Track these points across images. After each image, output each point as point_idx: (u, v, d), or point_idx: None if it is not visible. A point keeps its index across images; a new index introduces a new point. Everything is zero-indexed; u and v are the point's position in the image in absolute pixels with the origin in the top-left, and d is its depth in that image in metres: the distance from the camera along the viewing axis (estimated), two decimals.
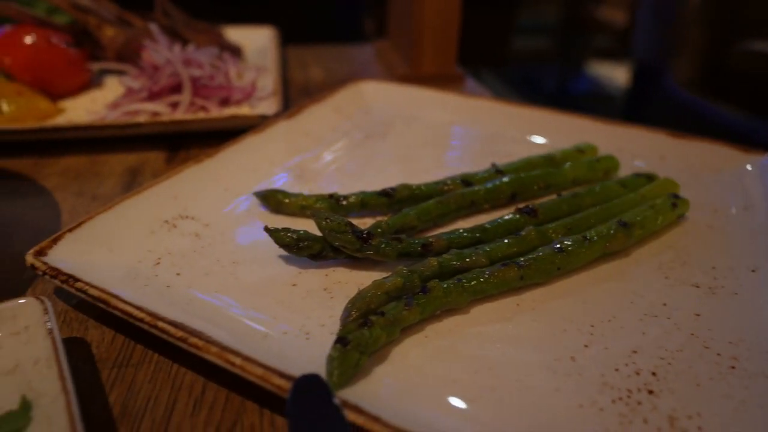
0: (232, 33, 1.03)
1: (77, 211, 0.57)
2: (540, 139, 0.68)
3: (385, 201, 0.52)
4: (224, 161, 0.58)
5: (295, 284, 0.44)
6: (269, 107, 0.71)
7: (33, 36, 0.75)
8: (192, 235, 0.49)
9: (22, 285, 0.46)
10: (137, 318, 0.36)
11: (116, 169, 0.65)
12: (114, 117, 0.68)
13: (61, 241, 0.44)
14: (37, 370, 0.33)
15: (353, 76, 0.98)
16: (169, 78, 0.72)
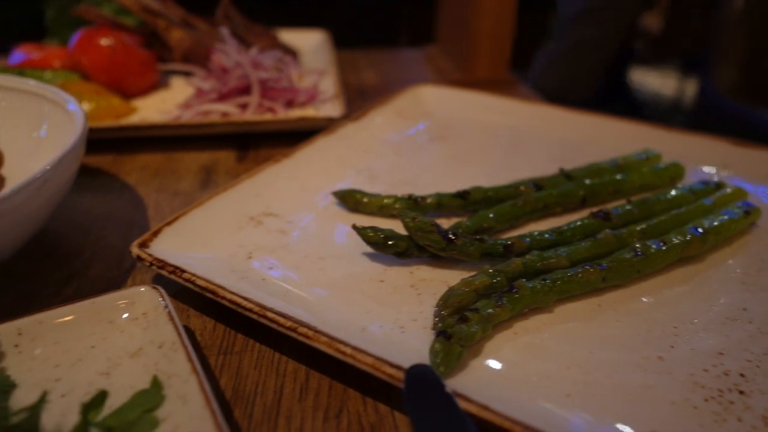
0: (284, 36, 1.06)
1: (161, 206, 0.59)
2: (600, 144, 0.69)
3: (460, 202, 0.54)
4: (299, 161, 0.61)
5: (382, 280, 0.46)
6: (334, 110, 0.73)
7: (109, 38, 0.79)
8: (277, 232, 0.52)
9: (121, 275, 0.49)
10: (246, 308, 0.39)
11: (191, 167, 0.68)
12: (188, 117, 0.71)
13: (161, 235, 0.47)
14: (162, 353, 0.35)
15: (406, 79, 1.00)
16: (239, 80, 0.74)
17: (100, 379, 0.35)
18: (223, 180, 0.65)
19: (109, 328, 0.38)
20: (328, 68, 0.89)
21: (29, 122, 0.52)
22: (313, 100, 0.78)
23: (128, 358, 0.36)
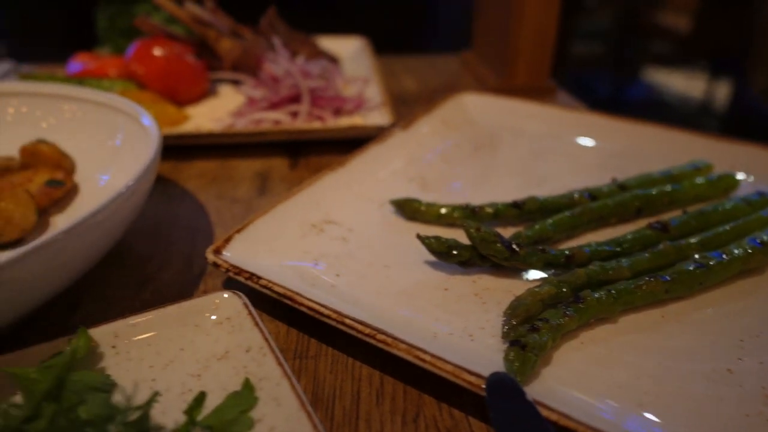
0: (322, 42, 1.07)
1: (221, 212, 0.62)
2: (646, 153, 0.69)
3: (516, 212, 0.55)
4: (354, 170, 0.62)
5: (446, 289, 0.47)
6: (382, 118, 0.75)
7: (163, 48, 0.81)
8: (340, 239, 0.53)
9: (192, 279, 0.51)
10: (324, 315, 0.40)
11: (246, 174, 0.70)
12: (242, 125, 0.73)
13: (232, 241, 0.49)
14: (250, 357, 0.37)
15: (445, 86, 1.02)
16: (289, 89, 0.76)
17: (191, 381, 0.37)
18: (278, 187, 0.67)
19: (196, 332, 0.40)
20: (371, 76, 0.91)
21: (104, 132, 0.55)
22: (359, 108, 0.79)
23: (216, 361, 0.38)
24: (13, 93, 0.56)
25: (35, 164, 0.59)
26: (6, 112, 0.56)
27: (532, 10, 0.88)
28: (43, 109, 0.56)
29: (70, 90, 0.56)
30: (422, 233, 0.51)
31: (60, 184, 0.56)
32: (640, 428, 0.34)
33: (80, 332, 0.37)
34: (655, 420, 0.35)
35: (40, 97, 0.56)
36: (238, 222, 0.60)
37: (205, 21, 0.87)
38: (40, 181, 0.56)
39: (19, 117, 0.56)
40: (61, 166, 0.58)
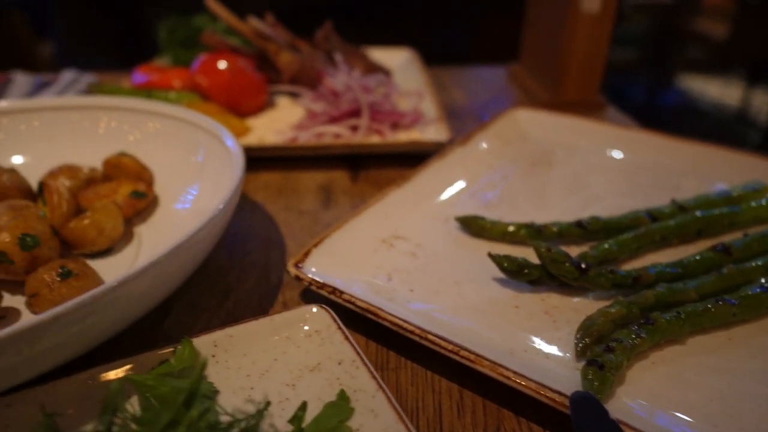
0: (371, 54, 1.10)
1: (290, 224, 0.65)
2: (704, 172, 0.70)
3: (579, 231, 0.57)
4: (418, 185, 0.65)
5: (517, 306, 0.49)
6: (439, 133, 0.77)
7: (227, 62, 0.85)
8: (409, 254, 0.56)
9: (271, 290, 0.54)
10: (408, 330, 0.43)
11: (310, 186, 0.73)
12: (305, 138, 0.76)
13: (310, 255, 0.52)
14: (343, 370, 0.40)
15: (495, 100, 1.04)
16: (350, 104, 0.79)
17: (287, 390, 0.40)
18: (342, 200, 0.69)
19: (288, 343, 0.43)
20: (424, 89, 0.93)
21: (187, 148, 0.58)
22: (416, 123, 0.81)
23: (309, 372, 0.41)
24: (106, 107, 0.60)
25: (117, 176, 0.62)
26: (98, 125, 0.60)
27: (586, 26, 0.89)
28: (130, 123, 0.60)
29: (156, 106, 0.60)
30: (487, 250, 0.53)
31: (143, 196, 0.59)
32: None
33: (184, 343, 0.40)
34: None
35: (128, 112, 0.60)
36: (307, 234, 0.63)
37: (265, 35, 0.91)
38: (125, 192, 0.59)
39: (109, 131, 0.60)
40: (141, 179, 0.62)
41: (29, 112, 0.60)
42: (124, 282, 0.37)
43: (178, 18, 1.07)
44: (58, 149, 0.61)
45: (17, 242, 0.48)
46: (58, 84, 1.03)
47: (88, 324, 0.37)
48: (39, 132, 0.60)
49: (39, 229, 0.49)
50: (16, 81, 1.04)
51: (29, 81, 1.04)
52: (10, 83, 1.03)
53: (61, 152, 0.62)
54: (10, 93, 1.00)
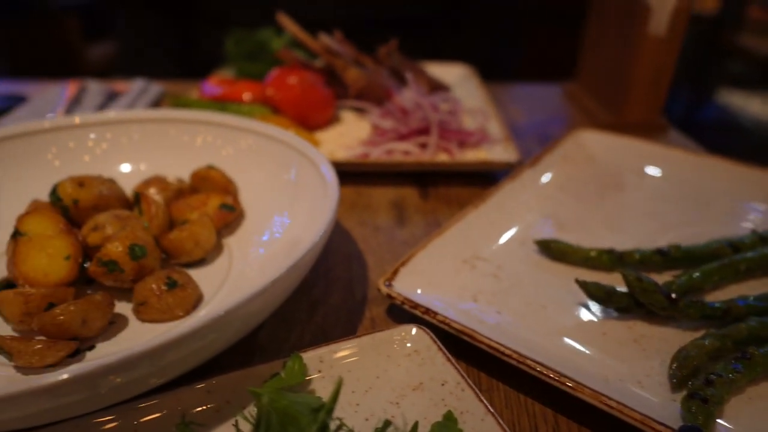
0: (428, 69, 1.11)
1: (367, 239, 0.66)
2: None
3: (660, 259, 0.57)
4: (493, 207, 0.66)
5: (605, 333, 0.50)
6: (509, 154, 0.78)
7: (299, 77, 0.87)
8: (491, 276, 0.57)
9: (356, 306, 0.56)
10: (506, 354, 0.44)
11: (381, 202, 0.74)
12: (376, 155, 0.78)
13: (398, 275, 0.53)
14: (447, 391, 0.41)
15: (553, 119, 1.04)
16: (419, 122, 0.81)
17: (392, 408, 0.41)
18: (415, 217, 0.71)
19: (388, 362, 0.44)
20: (484, 106, 0.94)
21: (278, 165, 0.60)
22: (483, 142, 0.83)
23: (411, 391, 0.42)
24: (203, 122, 0.63)
25: (204, 188, 0.65)
26: (195, 139, 0.63)
27: (652, 48, 0.89)
28: (224, 138, 0.63)
29: (249, 124, 0.62)
30: (568, 274, 0.54)
31: (232, 209, 0.62)
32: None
33: (294, 357, 0.42)
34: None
35: (222, 128, 0.62)
36: (385, 250, 0.64)
37: (334, 51, 0.93)
38: (214, 205, 0.62)
39: (205, 144, 0.63)
40: (228, 192, 0.64)
41: (132, 123, 0.63)
42: (251, 299, 0.39)
43: (244, 31, 1.11)
44: (152, 160, 0.64)
45: (127, 252, 0.50)
46: (130, 93, 1.07)
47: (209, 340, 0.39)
48: (139, 143, 0.63)
49: (145, 240, 0.52)
50: (89, 90, 1.08)
51: (102, 90, 1.09)
52: (84, 92, 1.07)
53: (154, 163, 0.65)
54: (85, 101, 1.04)
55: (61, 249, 0.50)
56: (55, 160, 0.60)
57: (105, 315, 0.47)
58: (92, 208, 0.58)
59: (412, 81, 0.85)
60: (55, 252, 0.50)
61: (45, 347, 0.43)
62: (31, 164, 0.59)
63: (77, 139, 0.61)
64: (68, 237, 0.51)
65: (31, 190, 0.58)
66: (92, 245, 0.53)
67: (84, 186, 0.58)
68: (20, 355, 0.43)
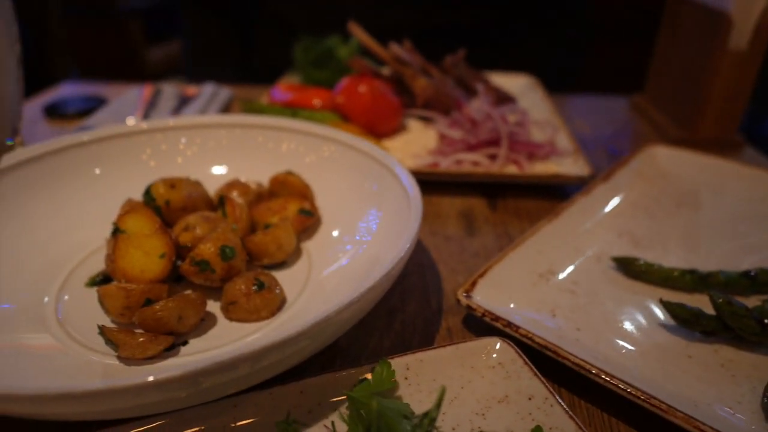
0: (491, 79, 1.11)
1: (439, 249, 0.67)
2: None
3: (747, 283, 0.55)
4: (567, 221, 0.65)
5: (690, 356, 0.49)
6: (580, 168, 0.77)
7: (369, 86, 0.89)
8: (568, 292, 0.57)
9: (433, 315, 0.56)
10: (593, 373, 0.44)
11: (450, 212, 0.75)
12: (446, 165, 0.79)
13: (476, 286, 0.54)
14: (534, 405, 0.41)
15: (621, 132, 1.03)
16: (489, 133, 0.81)
17: (478, 419, 0.42)
18: (485, 228, 0.71)
19: (472, 373, 0.45)
20: (552, 118, 0.94)
21: (356, 175, 0.62)
22: (552, 155, 0.82)
23: (497, 403, 0.43)
24: (290, 129, 0.65)
25: (283, 193, 0.67)
26: (281, 146, 0.65)
27: (731, 63, 0.87)
28: (306, 146, 0.65)
29: (332, 133, 0.64)
30: (646, 292, 0.53)
31: (310, 215, 0.63)
32: None
33: (383, 363, 0.43)
34: None
35: (306, 136, 0.64)
36: (456, 261, 0.65)
37: (403, 60, 0.94)
38: (294, 209, 0.64)
39: (289, 151, 0.65)
40: (306, 197, 0.66)
41: (222, 128, 0.66)
42: (348, 305, 0.40)
43: (312, 39, 1.13)
44: (234, 164, 0.67)
45: (218, 253, 0.52)
46: (201, 97, 1.11)
47: (302, 346, 0.41)
48: (228, 148, 0.66)
49: (234, 242, 0.54)
50: (164, 93, 1.13)
51: (175, 93, 1.14)
52: (159, 95, 1.12)
53: (235, 167, 0.67)
54: (160, 104, 1.09)
55: (157, 247, 0.53)
56: (150, 161, 0.63)
57: (198, 312, 0.50)
58: (181, 209, 0.60)
59: (482, 92, 0.85)
60: (152, 250, 0.53)
61: (147, 340, 0.46)
62: (129, 163, 0.63)
63: (169, 142, 0.64)
64: (163, 236, 0.54)
65: (127, 187, 0.62)
66: (183, 245, 0.56)
67: (175, 188, 0.60)
68: (125, 346, 0.45)
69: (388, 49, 0.95)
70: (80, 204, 0.60)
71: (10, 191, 0.56)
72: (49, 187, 0.59)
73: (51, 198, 0.59)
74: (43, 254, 0.56)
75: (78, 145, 0.60)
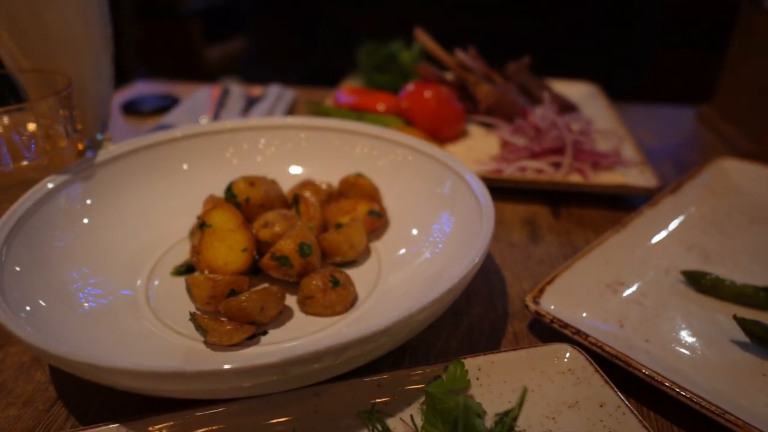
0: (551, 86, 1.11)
1: (504, 255, 0.68)
2: None
3: None
4: (633, 232, 0.65)
5: (764, 374, 0.48)
6: (647, 179, 0.77)
7: (434, 91, 0.91)
8: (636, 303, 0.57)
9: (498, 318, 0.58)
10: (667, 386, 0.44)
11: (514, 218, 0.76)
12: (510, 171, 0.80)
13: (544, 293, 0.55)
14: (606, 413, 0.42)
15: (688, 144, 1.01)
16: (553, 141, 0.81)
17: (548, 422, 0.43)
18: (549, 236, 0.72)
19: (542, 377, 0.46)
20: (617, 128, 0.93)
21: (426, 180, 0.64)
22: (617, 165, 0.82)
23: (567, 408, 0.44)
24: (364, 134, 0.68)
25: (352, 194, 0.69)
26: (355, 150, 0.68)
27: None
28: (380, 149, 0.67)
29: (405, 138, 0.66)
30: (716, 307, 0.53)
31: (379, 216, 0.66)
32: None
33: (456, 362, 0.45)
34: None
35: (380, 140, 0.67)
36: (521, 267, 0.66)
37: (467, 66, 0.96)
38: (363, 210, 0.66)
39: (362, 154, 0.68)
40: (374, 199, 0.68)
41: (301, 129, 0.69)
42: (430, 305, 0.42)
43: (375, 43, 1.16)
44: (308, 165, 0.70)
45: (297, 249, 0.55)
46: (268, 98, 1.15)
47: (380, 342, 0.42)
48: (306, 149, 0.69)
49: (311, 239, 0.57)
50: (232, 93, 1.18)
51: (242, 93, 1.18)
52: (227, 95, 1.17)
53: (309, 168, 0.71)
54: (229, 104, 1.13)
55: (240, 241, 0.57)
56: (233, 159, 0.67)
57: (278, 305, 0.53)
58: (260, 206, 0.64)
59: (547, 100, 0.86)
60: (235, 244, 0.56)
61: (233, 328, 0.49)
62: (213, 160, 0.67)
63: (250, 141, 0.68)
64: (246, 231, 0.57)
65: (209, 183, 0.65)
66: (262, 240, 0.59)
67: (254, 185, 0.64)
68: (213, 333, 0.49)
69: (453, 56, 0.96)
70: (168, 197, 0.65)
71: (108, 182, 0.61)
72: (144, 180, 0.64)
73: (144, 190, 0.63)
74: (134, 242, 0.60)
75: (170, 141, 0.65)
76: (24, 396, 0.48)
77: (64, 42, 0.65)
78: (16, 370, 0.50)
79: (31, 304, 0.46)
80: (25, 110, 0.60)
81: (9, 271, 0.47)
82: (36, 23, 0.63)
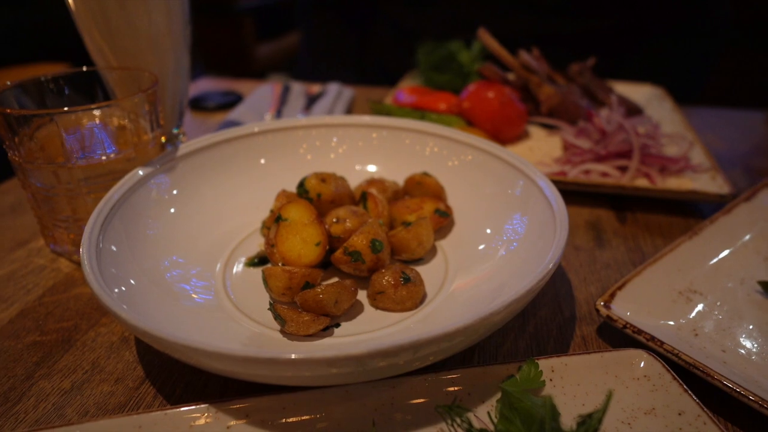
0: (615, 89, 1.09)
1: (568, 258, 0.68)
2: None
3: None
4: (706, 240, 0.64)
5: None
6: (719, 186, 0.75)
7: (497, 92, 0.91)
8: (710, 312, 0.56)
9: (566, 322, 0.58)
10: (753, 400, 0.43)
11: (578, 221, 0.75)
12: (574, 174, 0.79)
13: (615, 298, 0.54)
14: (685, 421, 0.42)
15: (756, 149, 0.98)
16: (619, 145, 0.80)
17: (624, 428, 0.43)
18: (614, 240, 0.71)
19: (616, 382, 0.46)
20: (684, 132, 0.91)
21: (493, 181, 0.64)
22: (685, 170, 0.80)
23: (643, 414, 0.43)
24: (435, 134, 0.69)
25: (417, 193, 0.70)
26: (425, 150, 0.69)
27: None
28: (450, 150, 0.68)
29: (473, 140, 0.67)
30: None
31: (445, 215, 0.66)
32: None
33: (530, 363, 0.45)
34: None
35: (450, 141, 0.68)
36: (587, 271, 0.65)
37: (530, 67, 0.95)
38: (430, 209, 0.67)
39: (433, 154, 0.69)
40: (440, 198, 0.69)
41: (372, 129, 0.71)
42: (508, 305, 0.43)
43: (433, 43, 1.17)
44: (378, 163, 0.71)
45: (369, 245, 0.57)
46: (328, 96, 1.18)
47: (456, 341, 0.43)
48: (377, 148, 0.71)
49: (382, 236, 0.58)
50: (293, 90, 1.21)
51: (303, 91, 1.21)
52: (288, 92, 1.20)
53: (380, 166, 0.72)
54: (290, 101, 1.16)
55: (313, 236, 0.58)
56: (307, 155, 0.70)
57: (351, 298, 0.54)
58: (330, 202, 0.65)
59: (614, 102, 0.84)
60: (309, 238, 0.58)
61: (310, 319, 0.51)
62: (288, 155, 0.70)
63: (323, 138, 0.70)
64: (319, 226, 0.59)
65: (282, 177, 0.68)
66: (334, 235, 0.61)
67: (325, 182, 0.66)
68: (291, 323, 0.51)
69: (517, 56, 0.96)
70: (244, 190, 0.67)
71: (191, 174, 0.64)
72: (222, 173, 0.67)
73: (223, 183, 0.66)
74: (213, 233, 0.63)
75: (249, 136, 0.67)
76: (115, 374, 0.51)
77: (150, 40, 0.68)
78: (106, 348, 0.54)
79: (126, 283, 0.49)
80: (114, 105, 0.63)
81: (107, 249, 0.50)
82: (126, 23, 0.66)
